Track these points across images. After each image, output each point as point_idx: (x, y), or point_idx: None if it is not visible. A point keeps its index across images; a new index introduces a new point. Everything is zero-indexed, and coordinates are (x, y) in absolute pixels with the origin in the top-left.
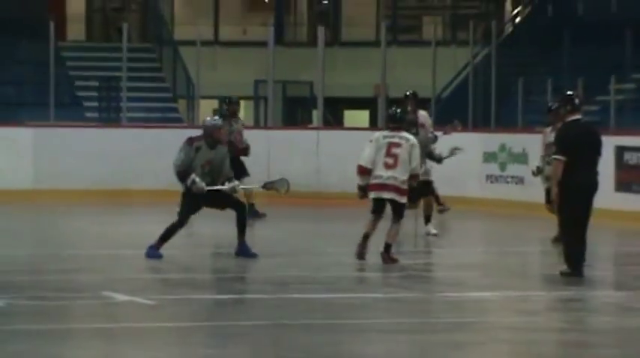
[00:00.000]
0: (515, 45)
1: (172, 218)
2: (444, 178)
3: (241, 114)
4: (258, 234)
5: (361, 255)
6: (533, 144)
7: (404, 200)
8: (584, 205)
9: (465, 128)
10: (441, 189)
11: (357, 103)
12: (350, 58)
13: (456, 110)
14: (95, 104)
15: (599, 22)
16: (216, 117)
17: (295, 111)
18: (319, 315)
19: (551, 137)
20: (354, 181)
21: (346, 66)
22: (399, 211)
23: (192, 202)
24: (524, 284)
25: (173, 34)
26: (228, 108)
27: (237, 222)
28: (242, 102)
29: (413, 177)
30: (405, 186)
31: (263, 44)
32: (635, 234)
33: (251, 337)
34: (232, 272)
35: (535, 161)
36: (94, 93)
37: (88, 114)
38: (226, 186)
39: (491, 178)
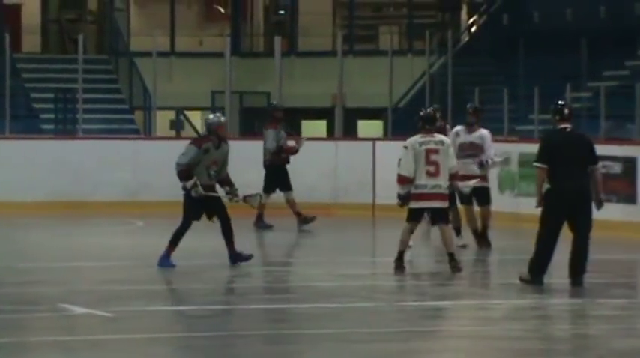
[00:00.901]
0: (471, 54)
1: (130, 229)
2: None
3: (198, 124)
4: (214, 245)
5: (401, 268)
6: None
7: (447, 204)
8: (568, 214)
9: None
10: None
11: (314, 113)
12: (307, 68)
13: (412, 120)
14: (51, 116)
15: (554, 31)
16: (218, 114)
17: (252, 122)
18: (279, 326)
19: (472, 137)
20: (312, 191)
21: (303, 76)
22: (445, 216)
23: (196, 204)
24: (482, 293)
25: (129, 45)
26: (274, 114)
27: (224, 233)
28: (199, 113)
29: (453, 176)
30: (447, 191)
31: (219, 55)
32: (592, 243)
33: (210, 348)
34: (190, 283)
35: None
36: (50, 105)
37: (44, 126)
38: (223, 194)
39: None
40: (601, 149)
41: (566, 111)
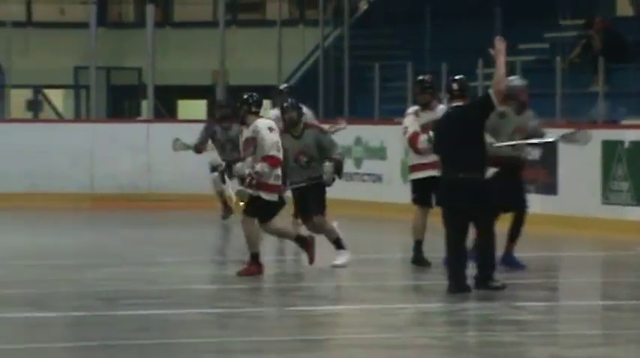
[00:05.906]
0: (371, 25)
1: None
2: None
3: (59, 104)
4: (85, 243)
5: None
6: (392, 137)
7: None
8: (450, 207)
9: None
10: None
11: (192, 92)
12: (184, 41)
13: (305, 99)
14: None
15: None
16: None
17: (122, 102)
18: (153, 334)
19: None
20: (189, 180)
21: (180, 50)
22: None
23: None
24: (383, 297)
25: None
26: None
27: None
28: (60, 92)
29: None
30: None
31: (84, 25)
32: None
33: None
34: (53, 286)
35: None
36: None
37: None
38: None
39: (345, 176)
40: None
41: (455, 86)
